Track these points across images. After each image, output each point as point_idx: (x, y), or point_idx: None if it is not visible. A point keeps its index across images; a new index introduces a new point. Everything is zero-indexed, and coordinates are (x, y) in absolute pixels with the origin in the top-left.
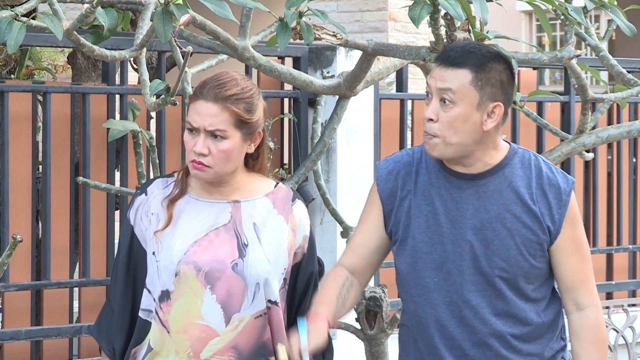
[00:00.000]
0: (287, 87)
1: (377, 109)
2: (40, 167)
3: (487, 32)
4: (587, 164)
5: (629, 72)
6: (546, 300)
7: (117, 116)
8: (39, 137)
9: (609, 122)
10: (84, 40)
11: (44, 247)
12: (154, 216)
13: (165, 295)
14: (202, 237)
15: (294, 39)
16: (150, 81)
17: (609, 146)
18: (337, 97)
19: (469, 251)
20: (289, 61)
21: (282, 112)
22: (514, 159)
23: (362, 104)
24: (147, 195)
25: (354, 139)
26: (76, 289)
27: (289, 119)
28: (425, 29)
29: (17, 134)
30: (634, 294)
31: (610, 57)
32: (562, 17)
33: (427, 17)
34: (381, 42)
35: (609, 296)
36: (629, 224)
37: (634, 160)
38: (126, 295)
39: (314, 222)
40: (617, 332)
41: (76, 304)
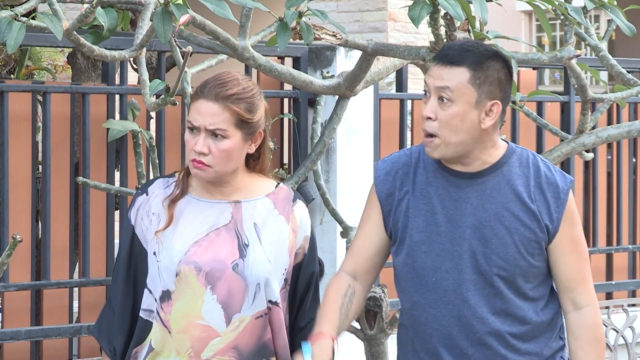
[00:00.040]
0: (287, 87)
1: (377, 109)
2: (40, 167)
3: (487, 32)
4: (587, 164)
5: (628, 72)
6: (545, 299)
7: (117, 116)
8: (39, 137)
9: (609, 122)
10: (83, 40)
11: (43, 247)
12: (154, 216)
13: (166, 295)
14: (202, 237)
15: (294, 39)
16: (150, 81)
17: (609, 146)
18: (337, 97)
19: (467, 250)
20: (288, 61)
21: (282, 112)
22: (512, 157)
23: (361, 104)
24: (148, 195)
25: (354, 139)
26: (76, 289)
27: (289, 119)
28: (425, 29)
29: (17, 134)
30: (633, 294)
31: (610, 57)
32: (562, 17)
33: (427, 17)
34: (381, 42)
35: (609, 296)
36: (629, 224)
37: (634, 160)
38: (127, 295)
39: (314, 222)
40: (617, 332)
41: (76, 304)
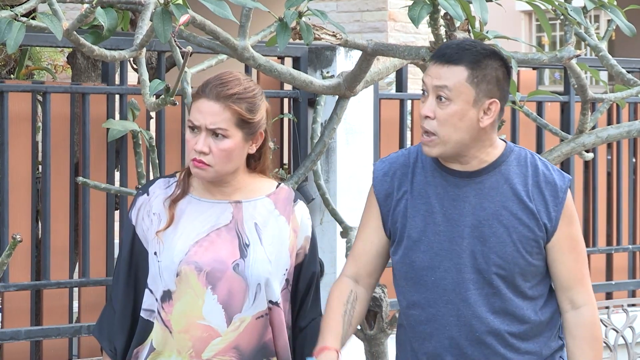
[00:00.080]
0: (287, 87)
1: (377, 109)
2: (40, 167)
3: (487, 32)
4: (586, 164)
5: (628, 72)
6: (544, 298)
7: (117, 116)
8: (39, 137)
9: (609, 122)
10: (83, 40)
11: (43, 247)
12: (155, 216)
13: (167, 295)
14: (203, 238)
15: (294, 39)
16: (150, 81)
17: (609, 146)
18: (337, 97)
19: (466, 249)
20: (288, 61)
21: (281, 112)
22: (510, 156)
23: (361, 104)
24: (149, 195)
25: (354, 139)
26: (76, 289)
27: (289, 119)
28: (425, 29)
29: (17, 134)
30: (633, 294)
31: (609, 57)
32: (562, 17)
33: (427, 17)
34: (381, 42)
35: (609, 296)
36: (629, 224)
37: (634, 160)
38: (128, 295)
39: (314, 222)
40: (617, 332)
41: (76, 304)
